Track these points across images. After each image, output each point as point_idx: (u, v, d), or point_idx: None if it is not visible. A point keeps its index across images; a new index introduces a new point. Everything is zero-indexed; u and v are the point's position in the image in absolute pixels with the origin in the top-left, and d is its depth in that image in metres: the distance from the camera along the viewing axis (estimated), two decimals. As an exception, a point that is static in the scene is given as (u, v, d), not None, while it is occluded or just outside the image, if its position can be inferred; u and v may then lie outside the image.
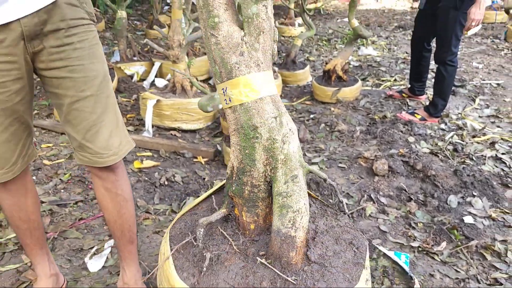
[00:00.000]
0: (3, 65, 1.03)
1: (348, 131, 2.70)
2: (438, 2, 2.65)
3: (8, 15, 0.98)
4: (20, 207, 1.28)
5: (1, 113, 1.07)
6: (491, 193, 2.06)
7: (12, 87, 1.06)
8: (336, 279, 0.93)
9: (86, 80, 1.12)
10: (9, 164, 1.16)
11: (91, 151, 1.17)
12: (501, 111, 3.16)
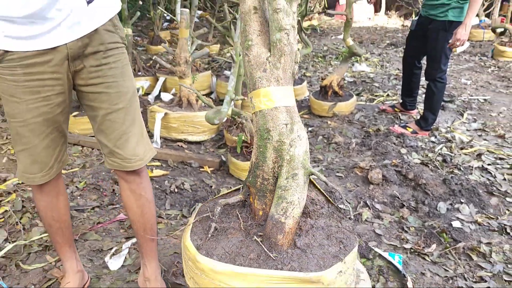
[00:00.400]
0: (49, 81, 1.19)
1: (344, 143, 2.88)
2: (428, 24, 2.86)
3: (57, 40, 1.15)
4: (53, 208, 1.42)
5: (44, 122, 1.23)
6: (477, 200, 2.23)
7: (55, 100, 1.22)
8: (308, 263, 1.07)
9: (119, 95, 1.28)
10: (47, 168, 1.31)
11: (121, 157, 1.32)
12: (487, 125, 3.35)
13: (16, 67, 1.14)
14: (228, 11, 2.90)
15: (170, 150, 2.68)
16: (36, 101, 1.19)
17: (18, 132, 1.23)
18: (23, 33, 1.11)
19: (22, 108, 1.18)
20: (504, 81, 4.72)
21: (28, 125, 1.21)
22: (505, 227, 2.04)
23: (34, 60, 1.14)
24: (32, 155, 1.26)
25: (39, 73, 1.17)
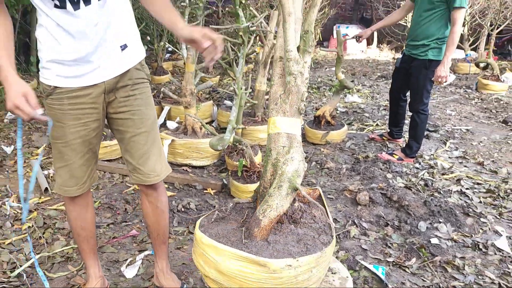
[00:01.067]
0: (88, 110, 1.47)
1: (335, 168, 3.13)
2: (411, 62, 3.18)
3: (97, 78, 1.44)
4: (82, 218, 1.66)
5: (82, 143, 1.50)
6: (454, 220, 2.47)
7: (92, 125, 1.50)
8: (266, 252, 1.30)
9: (142, 121, 1.55)
10: (81, 182, 1.56)
11: (142, 173, 1.58)
12: (468, 153, 3.63)
13: (63, 99, 1.43)
14: (231, 48, 3.21)
15: (176, 173, 2.93)
16: (77, 126, 1.47)
17: (60, 151, 1.50)
18: (70, 73, 1.40)
19: (65, 131, 1.46)
20: (486, 112, 5.05)
21: (69, 145, 1.48)
22: (478, 243, 2.28)
23: (78, 93, 1.43)
24: (70, 170, 1.52)
25: (81, 104, 1.45)
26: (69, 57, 1.37)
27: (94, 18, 1.35)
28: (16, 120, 1.47)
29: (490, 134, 4.19)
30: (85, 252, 1.73)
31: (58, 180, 1.56)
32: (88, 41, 1.37)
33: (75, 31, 1.34)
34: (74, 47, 1.36)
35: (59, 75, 1.40)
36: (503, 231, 2.43)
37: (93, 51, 1.38)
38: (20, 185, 1.44)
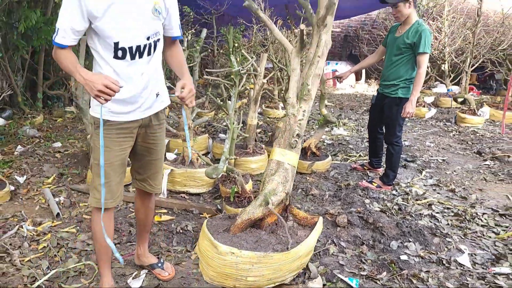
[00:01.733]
0: (128, 138, 1.90)
1: (319, 195, 3.46)
2: (384, 99, 3.58)
3: (139, 116, 1.89)
4: (107, 230, 1.97)
5: (120, 165, 1.92)
6: (423, 240, 2.79)
7: (127, 150, 1.93)
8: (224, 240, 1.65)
9: (160, 151, 2.04)
10: (115, 197, 1.95)
11: (149, 184, 2.09)
12: (441, 181, 3.98)
13: (112, 130, 1.84)
14: (225, 87, 3.60)
15: (175, 200, 3.24)
16: (119, 150, 1.88)
17: (113, 170, 1.89)
18: (119, 110, 1.83)
19: (110, 155, 1.86)
20: (462, 144, 5.43)
21: (111, 166, 1.87)
22: (442, 259, 2.59)
23: (123, 126, 1.86)
24: (109, 187, 1.89)
25: (124, 134, 1.88)
26: (121, 97, 1.79)
27: (142, 69, 1.81)
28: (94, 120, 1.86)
29: (464, 164, 4.55)
30: (103, 261, 2.05)
31: (96, 196, 1.93)
32: (135, 86, 1.80)
33: (127, 77, 1.78)
34: (129, 89, 1.79)
35: (111, 111, 1.82)
36: (466, 249, 2.74)
37: (137, 94, 1.83)
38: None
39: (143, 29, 1.77)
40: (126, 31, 1.73)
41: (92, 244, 2.59)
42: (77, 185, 3.51)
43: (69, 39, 1.71)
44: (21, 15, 5.55)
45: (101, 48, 1.75)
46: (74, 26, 1.68)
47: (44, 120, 5.89)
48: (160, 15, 1.81)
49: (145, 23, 1.76)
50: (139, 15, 1.74)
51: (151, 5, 1.76)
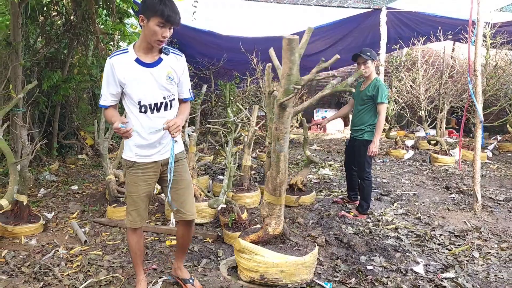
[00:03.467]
0: (152, 175, 2.51)
1: (304, 223, 4.09)
2: (354, 142, 4.31)
3: (159, 158, 2.50)
4: (138, 242, 2.62)
5: (146, 196, 2.54)
6: (386, 254, 3.40)
7: (152, 185, 2.54)
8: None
9: (182, 181, 2.57)
10: (143, 219, 2.58)
11: (182, 213, 2.60)
12: (410, 210, 4.63)
13: (139, 169, 2.47)
14: (223, 133, 4.32)
15: (182, 228, 3.86)
16: (145, 185, 2.50)
17: (134, 200, 2.51)
18: (143, 154, 2.46)
19: (138, 188, 2.49)
20: (434, 180, 6.12)
21: (139, 197, 2.51)
22: (400, 269, 3.20)
23: (147, 166, 2.49)
24: (138, 212, 2.53)
25: (148, 172, 2.50)
26: (144, 143, 2.43)
27: (161, 121, 2.39)
28: None
29: (432, 197, 5.21)
30: (138, 265, 2.68)
31: (129, 218, 2.55)
32: (156, 135, 2.42)
33: (148, 127, 2.40)
34: (148, 137, 2.42)
35: (137, 155, 2.46)
36: (422, 261, 3.35)
37: (157, 141, 2.44)
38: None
39: (160, 91, 2.39)
40: (146, 93, 2.36)
41: (117, 262, 3.19)
42: (98, 218, 4.13)
43: (108, 101, 2.44)
44: (44, 75, 6.38)
45: (129, 105, 2.44)
46: (111, 91, 2.41)
47: (59, 167, 6.55)
48: (172, 81, 2.45)
49: (161, 87, 2.42)
50: (156, 82, 2.39)
51: (165, 73, 2.42)
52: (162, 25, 2.23)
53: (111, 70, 2.34)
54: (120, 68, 2.33)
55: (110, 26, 8.28)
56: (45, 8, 6.51)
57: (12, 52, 5.27)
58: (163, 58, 2.40)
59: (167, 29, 2.26)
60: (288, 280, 2.10)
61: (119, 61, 2.34)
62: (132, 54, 2.35)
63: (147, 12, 2.23)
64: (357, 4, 9.27)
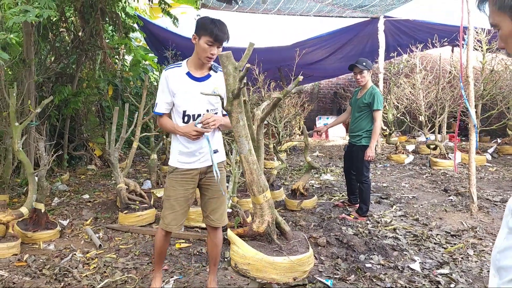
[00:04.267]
0: (190, 182, 2.69)
1: (306, 225, 4.29)
2: (352, 147, 4.52)
3: (198, 165, 2.68)
4: (164, 244, 2.83)
5: (184, 201, 2.71)
6: (384, 253, 3.60)
7: (190, 190, 2.72)
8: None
9: (214, 190, 2.76)
10: (179, 224, 2.76)
11: (211, 219, 2.77)
12: (408, 212, 4.82)
13: (178, 175, 2.68)
14: (226, 142, 4.55)
15: (190, 232, 4.08)
16: (182, 190, 2.69)
17: (171, 204, 2.70)
18: (184, 161, 2.66)
19: (176, 193, 2.68)
20: (433, 183, 6.31)
21: (177, 201, 2.69)
22: (398, 266, 3.39)
23: (186, 172, 2.68)
24: (175, 216, 2.70)
25: (187, 178, 2.68)
26: (185, 151, 2.64)
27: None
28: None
29: (430, 199, 5.40)
30: (158, 264, 2.90)
31: (164, 221, 2.72)
32: (196, 144, 2.61)
33: None
34: (189, 146, 2.62)
35: (179, 161, 2.67)
36: (418, 259, 3.54)
37: (197, 150, 2.63)
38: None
39: (204, 104, 2.59)
40: (191, 104, 2.59)
41: (130, 264, 3.41)
42: (111, 225, 4.35)
43: (163, 109, 2.68)
44: (55, 90, 6.66)
45: (176, 114, 2.65)
46: (165, 100, 2.65)
47: (70, 177, 6.79)
48: (217, 96, 2.58)
49: (205, 101, 2.62)
50: (201, 95, 2.55)
51: (212, 89, 2.63)
52: (211, 44, 2.47)
53: (166, 80, 2.61)
54: (173, 79, 2.59)
55: (116, 41, 8.59)
56: (55, 26, 6.80)
57: (26, 69, 5.54)
58: (212, 74, 2.64)
59: (215, 47, 2.49)
60: (255, 274, 2.29)
61: (173, 73, 2.61)
62: (185, 68, 2.62)
63: (199, 31, 2.49)
64: (355, 13, 9.53)
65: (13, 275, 3.18)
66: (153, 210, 4.52)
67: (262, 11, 9.27)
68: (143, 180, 6.34)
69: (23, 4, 3.56)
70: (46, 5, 3.66)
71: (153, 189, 5.46)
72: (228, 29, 2.54)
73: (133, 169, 7.47)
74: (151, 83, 10.06)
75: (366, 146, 4.33)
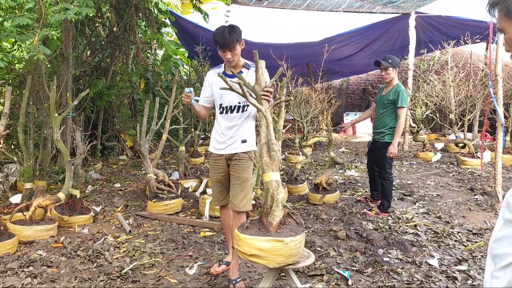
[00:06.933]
0: (218, 166, 3.03)
1: (327, 219, 4.39)
2: (375, 144, 4.57)
3: (225, 152, 2.98)
4: (224, 219, 3.15)
5: (217, 182, 3.08)
6: (403, 248, 3.65)
7: (221, 173, 3.03)
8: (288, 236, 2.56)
9: (238, 178, 2.98)
10: (218, 201, 3.11)
11: (232, 203, 2.98)
12: (431, 210, 4.83)
13: (212, 159, 3.04)
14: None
15: (215, 221, 4.25)
16: (215, 172, 3.06)
17: (212, 183, 3.09)
18: (216, 147, 3.01)
19: (211, 174, 3.08)
20: (459, 182, 6.25)
21: (212, 182, 3.09)
22: (415, 261, 3.44)
23: (216, 157, 3.01)
24: (213, 193, 3.09)
25: (216, 162, 3.03)
26: (219, 139, 3.00)
27: (233, 122, 2.95)
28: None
29: (455, 198, 5.37)
30: (228, 238, 3.18)
31: (212, 199, 3.16)
32: (227, 132, 2.95)
33: (224, 125, 2.96)
34: (221, 133, 2.97)
35: (213, 147, 3.05)
36: (437, 255, 3.58)
37: (227, 139, 2.97)
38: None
39: (236, 97, 2.88)
40: (225, 97, 2.95)
41: (157, 249, 3.62)
42: (140, 212, 4.59)
43: (201, 101, 3.13)
44: (90, 83, 6.98)
45: (216, 107, 3.07)
46: (203, 94, 3.12)
47: (102, 167, 7.12)
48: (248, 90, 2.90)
49: (236, 94, 2.78)
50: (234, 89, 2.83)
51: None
52: (223, 51, 2.86)
53: (207, 78, 3.11)
54: (211, 78, 3.06)
55: (149, 36, 8.87)
56: (91, 21, 7.11)
57: (64, 63, 5.85)
58: (244, 71, 2.99)
59: (227, 52, 2.85)
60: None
61: (212, 73, 3.08)
62: (222, 69, 3.07)
63: (213, 43, 2.90)
64: (386, 9, 9.44)
65: (50, 255, 3.44)
66: (180, 199, 4.73)
67: (291, 6, 9.33)
68: (171, 171, 6.57)
69: (63, 2, 3.79)
70: (84, 3, 3.89)
71: (180, 180, 5.68)
72: (236, 31, 2.85)
73: (162, 161, 7.74)
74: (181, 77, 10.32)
75: (389, 143, 4.37)
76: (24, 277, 3.01)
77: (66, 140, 6.03)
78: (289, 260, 2.40)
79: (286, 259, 2.39)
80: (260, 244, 2.37)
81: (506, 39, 1.21)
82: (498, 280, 1.13)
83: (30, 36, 3.72)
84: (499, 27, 1.21)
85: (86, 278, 3.05)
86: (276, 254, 2.37)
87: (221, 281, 3.09)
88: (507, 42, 1.21)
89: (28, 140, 4.27)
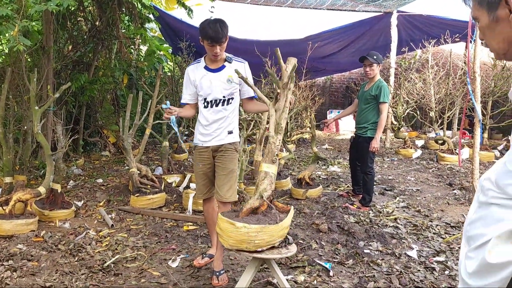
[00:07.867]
0: (205, 158, 3.04)
1: (309, 213, 4.44)
2: (358, 138, 4.64)
3: (210, 144, 3.00)
4: (207, 212, 3.16)
5: (202, 175, 3.08)
6: (383, 240, 3.73)
7: (207, 166, 3.05)
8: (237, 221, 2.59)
9: (223, 169, 3.01)
10: (202, 194, 3.12)
11: (218, 194, 3.01)
12: (411, 204, 4.92)
13: (197, 151, 3.04)
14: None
15: (198, 215, 4.26)
16: (201, 165, 3.05)
17: (196, 176, 3.08)
18: (201, 139, 3.02)
19: (196, 167, 3.06)
20: (439, 178, 6.38)
21: (197, 174, 3.08)
22: (395, 253, 3.52)
23: (201, 149, 3.03)
24: (197, 185, 3.10)
25: (202, 155, 3.04)
26: (204, 132, 3.01)
27: (217, 115, 2.99)
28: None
29: (434, 193, 5.49)
30: (211, 231, 3.23)
31: (196, 192, 3.17)
32: (212, 125, 2.98)
33: (209, 118, 2.97)
34: (205, 126, 2.98)
35: (199, 140, 3.04)
36: (416, 247, 3.66)
37: (213, 131, 2.99)
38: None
39: (220, 90, 2.96)
40: (209, 91, 2.97)
41: (140, 243, 3.61)
42: (122, 207, 4.56)
43: (186, 99, 3.14)
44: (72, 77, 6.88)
45: (199, 102, 3.05)
46: (188, 92, 3.10)
47: (84, 162, 7.04)
48: (232, 83, 2.98)
49: (221, 87, 2.98)
50: (218, 82, 2.96)
51: (226, 77, 2.99)
52: (211, 45, 2.84)
53: (188, 75, 3.06)
54: (193, 73, 3.03)
55: (132, 31, 8.78)
56: (73, 15, 7.01)
57: (45, 56, 5.76)
58: (226, 65, 3.00)
59: (216, 46, 2.84)
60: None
61: (193, 68, 3.05)
62: (203, 63, 3.03)
63: (201, 35, 2.87)
64: (368, 8, 9.55)
65: (30, 248, 3.40)
66: (163, 194, 4.72)
67: (275, 3, 9.37)
68: (154, 167, 6.54)
69: (44, -7, 3.74)
70: (66, -6, 3.84)
71: (164, 175, 5.66)
72: (225, 26, 2.85)
73: (145, 157, 7.69)
74: (164, 73, 10.26)
75: (372, 137, 4.44)
76: (4, 271, 2.97)
77: (47, 134, 5.94)
78: (242, 245, 2.47)
79: (237, 243, 2.47)
80: (221, 223, 2.53)
81: (480, 27, 1.27)
82: (472, 260, 1.17)
83: (10, 27, 3.66)
84: (473, 16, 1.27)
85: (67, 272, 3.03)
86: (228, 236, 2.48)
87: (204, 273, 3.10)
88: (481, 30, 1.27)
89: (7, 134, 4.20)
